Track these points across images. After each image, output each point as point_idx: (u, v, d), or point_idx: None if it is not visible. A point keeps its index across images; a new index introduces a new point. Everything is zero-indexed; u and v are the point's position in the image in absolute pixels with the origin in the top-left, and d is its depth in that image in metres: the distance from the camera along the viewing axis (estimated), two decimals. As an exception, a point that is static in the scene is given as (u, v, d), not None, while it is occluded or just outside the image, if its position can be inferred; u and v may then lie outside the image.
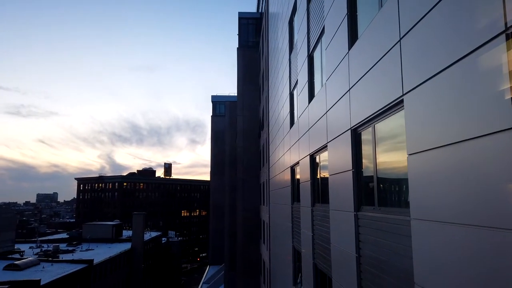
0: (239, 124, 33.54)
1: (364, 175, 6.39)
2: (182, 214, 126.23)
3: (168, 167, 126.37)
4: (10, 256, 38.40)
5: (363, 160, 6.41)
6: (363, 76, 6.01)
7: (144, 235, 53.46)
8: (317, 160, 9.95)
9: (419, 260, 4.10)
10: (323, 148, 8.86)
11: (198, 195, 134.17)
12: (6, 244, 39.59)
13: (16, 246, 43.32)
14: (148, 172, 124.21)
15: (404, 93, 4.54)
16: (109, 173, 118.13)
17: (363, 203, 6.33)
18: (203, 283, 50.70)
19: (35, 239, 55.93)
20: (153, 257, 60.75)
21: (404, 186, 4.85)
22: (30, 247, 47.31)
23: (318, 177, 9.87)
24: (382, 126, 5.57)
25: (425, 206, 3.99)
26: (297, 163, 12.61)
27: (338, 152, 7.49)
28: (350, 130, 6.68)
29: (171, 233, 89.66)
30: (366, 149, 6.26)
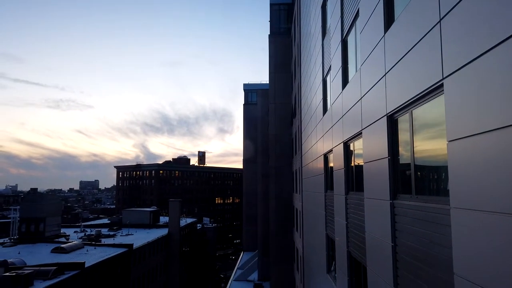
0: (271, 112, 33.45)
1: (400, 162, 6.21)
2: (216, 202, 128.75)
3: (202, 156, 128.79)
4: (57, 239, 40.84)
5: (400, 147, 6.23)
6: (400, 60, 5.79)
7: (180, 221, 55.00)
8: (351, 147, 9.78)
9: (459, 250, 3.97)
10: (358, 135, 8.68)
11: (231, 182, 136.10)
12: (53, 228, 42.10)
13: (62, 230, 45.96)
14: (183, 160, 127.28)
15: (444, 77, 4.34)
16: (143, 161, 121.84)
17: (399, 192, 6.17)
18: (237, 268, 51.71)
19: (79, 224, 59.10)
20: (189, 243, 62.57)
21: (443, 174, 4.68)
22: (74, 232, 50.09)
23: (352, 165, 9.71)
24: (420, 112, 5.37)
25: (466, 195, 3.84)
26: (330, 150, 12.45)
27: (373, 139, 7.31)
28: (386, 117, 6.49)
29: (206, 220, 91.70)
30: (402, 136, 6.08)
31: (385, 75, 6.51)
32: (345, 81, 10.30)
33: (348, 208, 9.82)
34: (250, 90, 65.54)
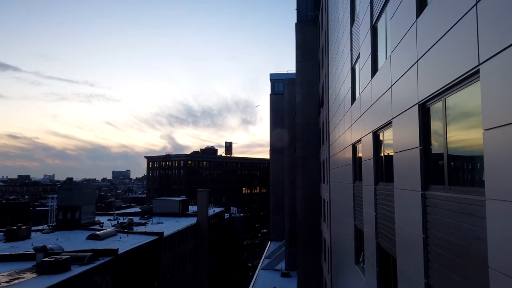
0: (298, 101, 33.15)
1: (432, 152, 6.03)
2: (243, 192, 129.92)
3: (229, 146, 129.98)
4: (92, 227, 42.61)
5: (432, 137, 6.04)
6: (433, 46, 5.58)
7: (208, 210, 55.98)
8: (381, 137, 9.56)
9: (494, 243, 3.83)
10: (388, 124, 8.48)
11: (258, 173, 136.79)
12: (88, 216, 43.93)
13: (96, 218, 47.86)
14: (210, 151, 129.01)
15: (480, 62, 4.15)
16: (171, 152, 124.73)
17: (431, 182, 6.00)
18: (264, 257, 52.24)
19: (112, 212, 61.36)
20: (217, 232, 63.66)
21: (479, 164, 4.50)
22: (108, 219, 52.05)
23: (382, 155, 9.51)
24: (454, 100, 5.16)
25: (503, 186, 3.68)
26: (359, 140, 12.24)
27: (404, 128, 7.12)
28: (417, 105, 6.29)
29: (233, 209, 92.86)
30: (435, 125, 5.88)
31: (417, 62, 6.29)
32: (374, 69, 10.04)
33: (377, 199, 9.65)
34: (276, 80, 65.20)
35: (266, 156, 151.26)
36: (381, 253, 9.49)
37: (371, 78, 10.11)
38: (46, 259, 24.33)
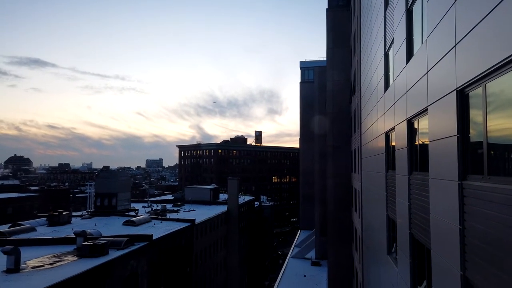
0: (329, 89, 32.58)
1: (471, 141, 5.77)
2: (273, 180, 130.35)
3: (258, 135, 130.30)
4: (127, 213, 44.27)
5: (470, 124, 5.77)
6: (473, 28, 5.29)
7: (238, 199, 56.66)
8: (415, 125, 9.26)
9: (539, 235, 3.64)
10: (423, 112, 8.18)
11: (287, 162, 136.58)
12: (124, 203, 45.65)
13: (132, 205, 49.68)
14: (240, 140, 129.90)
15: (526, 45, 3.89)
16: (201, 141, 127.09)
17: (469, 172, 5.76)
18: (294, 246, 52.44)
19: (146, 200, 63.40)
20: (247, 220, 64.43)
21: (522, 153, 4.27)
22: (142, 206, 53.87)
23: (416, 143, 9.22)
24: (496, 85, 4.89)
25: (550, 176, 3.47)
26: (392, 129, 11.91)
27: (441, 115, 6.85)
28: (455, 91, 6.02)
29: (263, 198, 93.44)
30: (474, 112, 5.61)
31: (455, 46, 6.00)
32: (409, 55, 9.68)
33: (411, 189, 9.40)
34: (306, 68, 64.30)
35: (294, 145, 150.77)
36: (414, 244, 9.28)
37: (406, 64, 9.76)
38: (86, 243, 25.59)
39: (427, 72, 7.68)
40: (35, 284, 18.80)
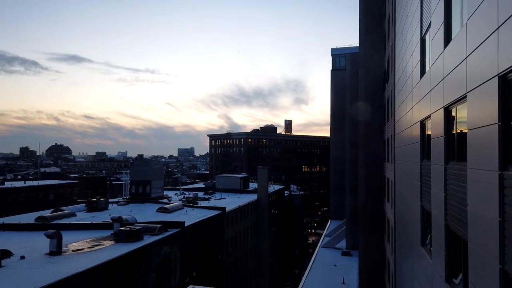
0: (361, 76, 31.77)
1: (514, 129, 5.47)
2: (303, 170, 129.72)
3: (288, 124, 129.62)
4: (161, 200, 45.63)
5: (514, 112, 5.47)
6: (518, 9, 4.97)
7: (268, 187, 56.93)
8: (453, 113, 8.88)
9: None
10: (461, 99, 7.83)
11: (318, 151, 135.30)
12: (157, 191, 47.06)
13: (164, 192, 51.12)
14: (269, 129, 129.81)
15: None
16: (230, 130, 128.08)
17: (510, 162, 5.48)
18: (324, 235, 52.23)
19: (179, 188, 65.01)
20: (276, 209, 64.73)
21: None
22: (175, 194, 55.32)
23: (454, 132, 8.86)
24: (543, 70, 4.60)
25: None
26: (428, 117, 11.49)
27: (481, 103, 6.53)
28: (497, 77, 5.71)
29: (293, 187, 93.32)
30: (518, 99, 5.31)
31: (497, 29, 5.67)
32: (447, 39, 9.24)
33: (448, 179, 9.08)
34: (338, 55, 63.01)
35: (323, 134, 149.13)
36: (450, 236, 9.00)
37: (444, 49, 9.34)
38: (122, 228, 26.66)
39: (466, 57, 7.32)
40: (77, 266, 19.86)
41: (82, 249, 23.73)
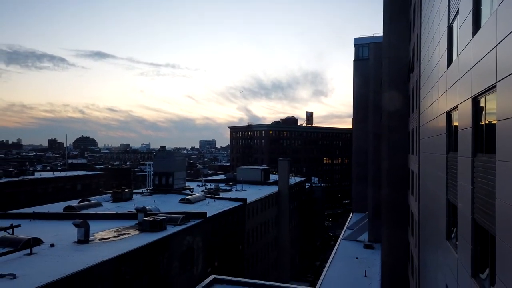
0: (385, 67, 31.05)
1: (547, 119, 5.24)
2: (324, 162, 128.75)
3: (309, 116, 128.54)
4: (183, 191, 46.36)
5: (548, 101, 5.23)
6: (554, -7, 4.72)
7: (289, 179, 56.86)
8: (482, 103, 8.57)
9: None
10: (491, 89, 7.54)
11: (339, 143, 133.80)
12: (179, 182, 47.82)
13: (187, 184, 51.89)
14: (290, 121, 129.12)
15: None
16: (249, 123, 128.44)
17: (544, 154, 5.26)
18: (346, 228, 51.86)
19: (200, 179, 65.82)
20: (297, 200, 64.65)
21: None
22: (197, 185, 56.07)
23: (482, 123, 8.56)
24: None
25: None
26: (455, 107, 11.14)
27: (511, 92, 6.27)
28: (530, 65, 5.46)
29: (314, 179, 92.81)
30: (553, 88, 5.07)
31: (532, 14, 5.40)
32: (476, 27, 8.89)
33: (475, 172, 8.81)
34: (361, 45, 61.79)
35: (344, 126, 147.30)
36: (477, 229, 8.76)
37: (472, 37, 8.99)
38: (146, 218, 27.29)
39: (496, 45, 7.03)
40: (103, 254, 20.53)
41: (108, 238, 24.46)
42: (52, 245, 22.17)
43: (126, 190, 42.67)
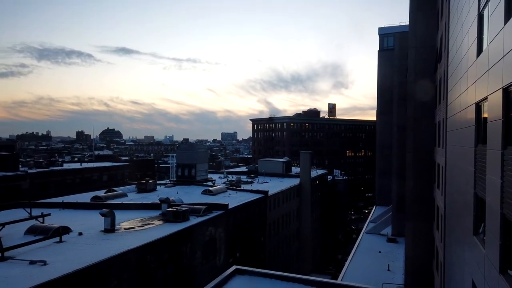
0: (411, 57, 30.21)
1: None
2: (347, 154, 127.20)
3: (332, 108, 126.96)
4: (205, 183, 46.92)
5: None
6: None
7: (311, 172, 56.51)
8: (514, 94, 8.22)
9: None
10: (524, 78, 7.22)
11: (363, 135, 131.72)
12: (202, 174, 48.40)
13: (209, 175, 52.45)
14: (312, 113, 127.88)
15: None
16: (270, 115, 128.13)
17: None
18: (369, 221, 51.28)
19: (222, 171, 66.42)
20: (319, 193, 64.27)
21: None
22: (219, 177, 56.61)
23: (514, 114, 8.22)
24: None
25: None
26: (485, 98, 10.74)
27: (547, 82, 5.98)
28: None
29: (336, 172, 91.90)
30: None
31: None
32: (508, 14, 8.49)
33: (505, 165, 8.49)
34: (386, 35, 60.32)
35: (367, 118, 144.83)
36: (506, 225, 8.47)
37: (504, 25, 8.60)
38: (169, 209, 27.83)
39: (531, 32, 6.70)
40: (129, 243, 21.11)
41: (133, 228, 25.12)
42: (80, 234, 22.97)
43: (150, 181, 43.57)
